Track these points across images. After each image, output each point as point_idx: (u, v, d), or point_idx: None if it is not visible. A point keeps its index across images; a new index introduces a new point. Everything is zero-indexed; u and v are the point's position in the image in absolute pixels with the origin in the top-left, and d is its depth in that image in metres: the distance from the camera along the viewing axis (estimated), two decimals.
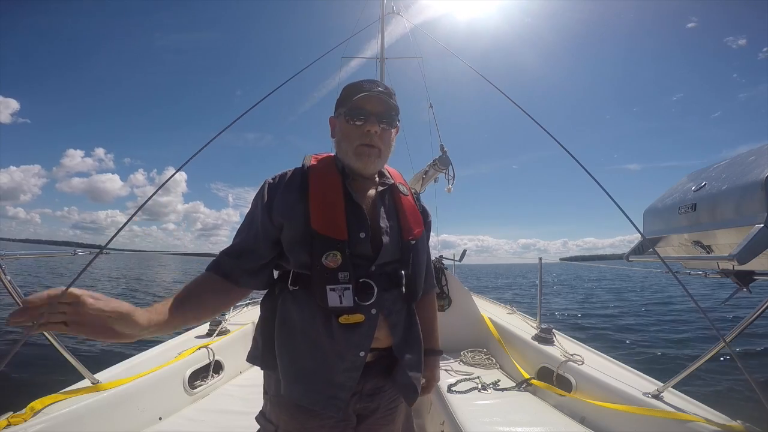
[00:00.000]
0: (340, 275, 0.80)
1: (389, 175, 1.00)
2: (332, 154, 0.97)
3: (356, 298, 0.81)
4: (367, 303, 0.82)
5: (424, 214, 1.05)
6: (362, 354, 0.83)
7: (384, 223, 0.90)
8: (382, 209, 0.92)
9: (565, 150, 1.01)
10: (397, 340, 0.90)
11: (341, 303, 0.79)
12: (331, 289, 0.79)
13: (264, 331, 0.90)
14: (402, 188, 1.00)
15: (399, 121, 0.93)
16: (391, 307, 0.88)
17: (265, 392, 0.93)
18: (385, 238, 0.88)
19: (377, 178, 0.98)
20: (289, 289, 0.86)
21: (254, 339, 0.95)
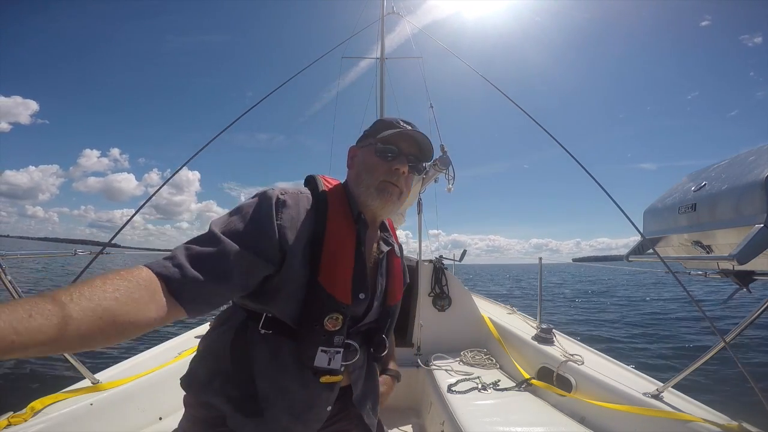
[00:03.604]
0: (335, 339, 0.75)
1: (389, 230, 0.95)
2: (339, 182, 0.89)
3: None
4: (349, 363, 0.80)
5: (406, 273, 1.03)
6: (329, 409, 0.82)
7: (379, 286, 0.86)
8: (380, 270, 0.87)
9: (564, 148, 1.01)
10: (358, 393, 0.89)
11: (329, 365, 0.75)
12: (322, 351, 0.75)
13: (211, 366, 0.78)
14: (396, 248, 0.95)
15: (426, 170, 0.86)
16: (356, 363, 0.87)
17: (186, 407, 0.82)
18: (376, 302, 0.85)
19: (379, 231, 0.91)
20: (260, 332, 0.76)
21: (192, 369, 0.81)
